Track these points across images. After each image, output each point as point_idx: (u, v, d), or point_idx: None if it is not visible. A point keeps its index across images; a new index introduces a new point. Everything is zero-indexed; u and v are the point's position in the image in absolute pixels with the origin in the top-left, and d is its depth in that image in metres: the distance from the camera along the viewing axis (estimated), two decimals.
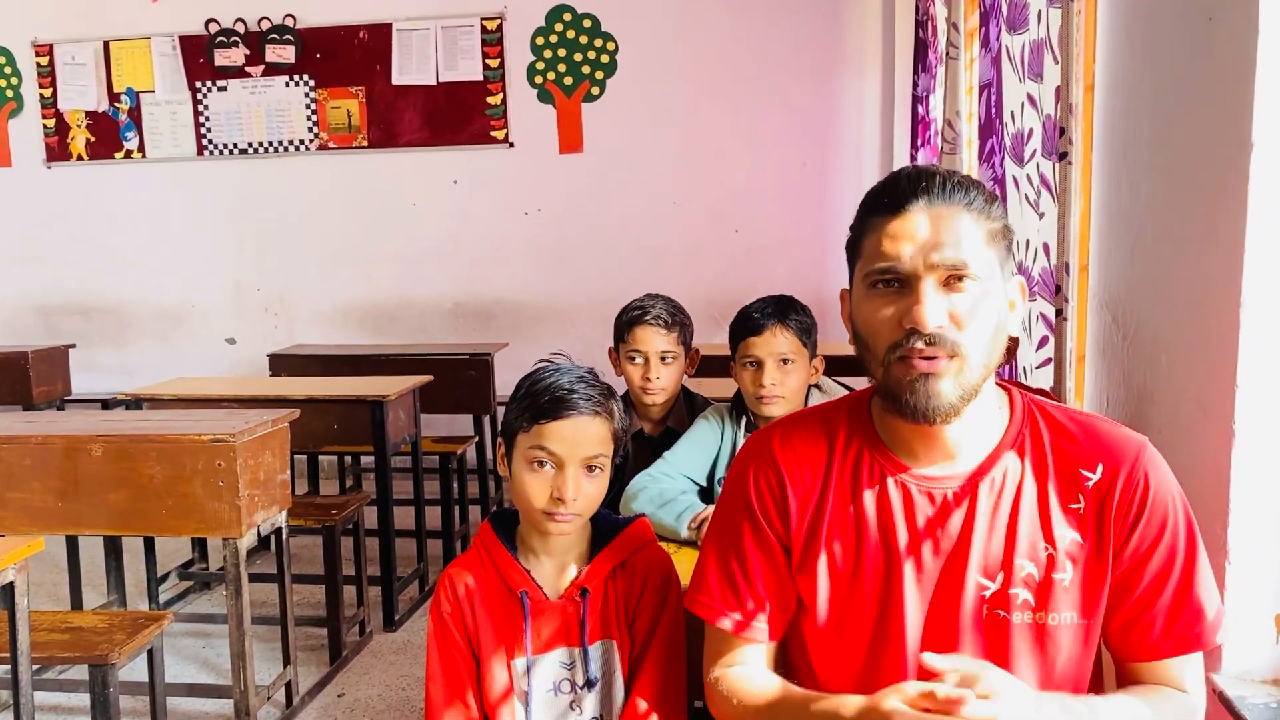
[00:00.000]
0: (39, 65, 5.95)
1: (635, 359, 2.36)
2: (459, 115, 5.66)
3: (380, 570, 3.71)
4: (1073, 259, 1.92)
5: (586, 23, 5.53)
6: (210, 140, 5.88)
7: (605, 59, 5.55)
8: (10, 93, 6.01)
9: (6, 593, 2.13)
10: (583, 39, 5.54)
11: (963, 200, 1.10)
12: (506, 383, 1.59)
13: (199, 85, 5.85)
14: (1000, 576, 1.13)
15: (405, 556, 4.03)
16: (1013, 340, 2.16)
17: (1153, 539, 1.12)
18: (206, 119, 5.87)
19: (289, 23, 5.70)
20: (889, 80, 5.11)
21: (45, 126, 6.00)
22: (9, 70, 5.99)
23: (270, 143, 5.84)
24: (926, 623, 1.14)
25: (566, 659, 1.42)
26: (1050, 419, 1.18)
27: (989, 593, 1.13)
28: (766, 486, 1.22)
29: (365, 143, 5.76)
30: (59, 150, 6.02)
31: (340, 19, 5.66)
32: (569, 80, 5.58)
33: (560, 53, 5.57)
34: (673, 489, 2.05)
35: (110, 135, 5.96)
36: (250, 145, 5.86)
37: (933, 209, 1.09)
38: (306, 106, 5.77)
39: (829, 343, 2.39)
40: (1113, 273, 1.80)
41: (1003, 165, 2.52)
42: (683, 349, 2.39)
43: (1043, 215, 2.17)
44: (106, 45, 5.88)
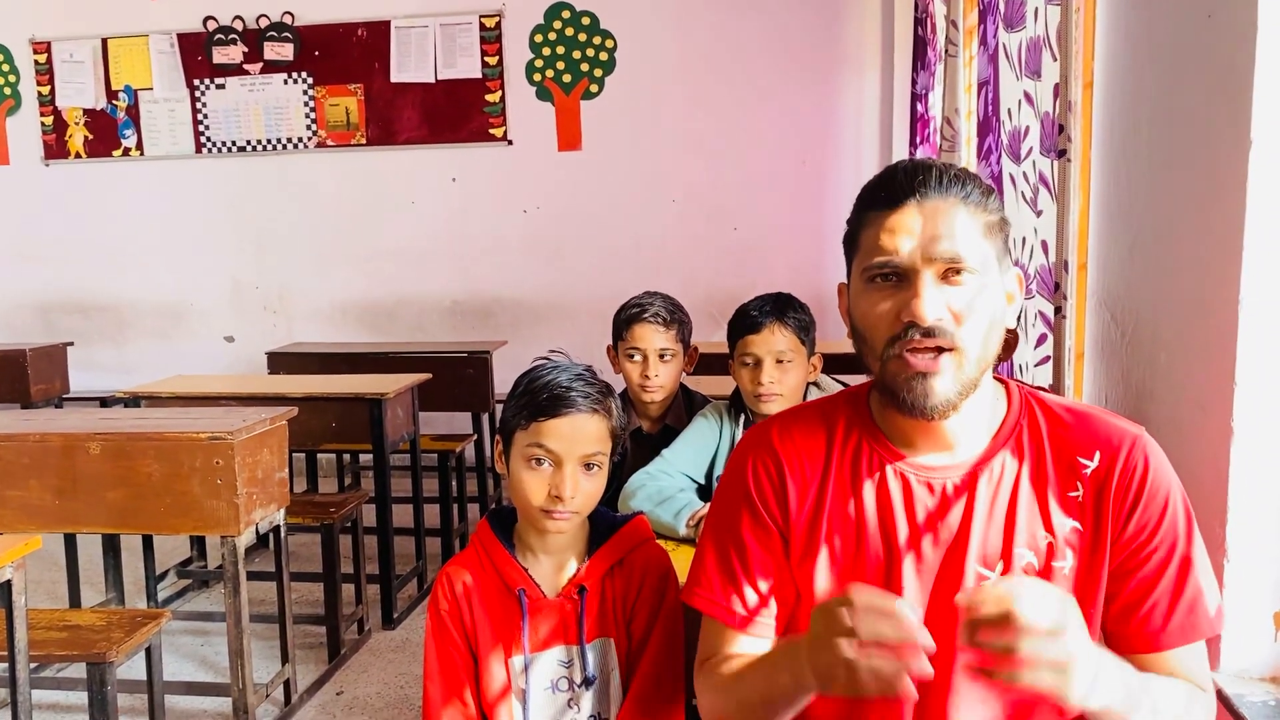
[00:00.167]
0: (37, 63, 5.94)
1: (634, 356, 2.36)
2: (457, 113, 5.66)
3: (379, 568, 3.71)
4: (1071, 257, 1.92)
5: (585, 20, 5.52)
6: (208, 138, 5.88)
7: (604, 57, 5.54)
8: (8, 90, 6.00)
9: (4, 591, 2.13)
10: (581, 36, 5.54)
11: (959, 193, 1.10)
12: (505, 380, 1.58)
13: (197, 83, 5.84)
14: (1000, 566, 1.13)
15: (404, 555, 4.03)
16: (1011, 334, 2.17)
17: (1152, 525, 1.12)
18: (205, 117, 5.86)
19: (287, 20, 5.69)
20: (888, 78, 5.10)
21: (43, 124, 6.00)
22: (6, 68, 5.98)
23: (269, 140, 5.84)
24: (926, 615, 1.14)
25: (564, 657, 1.42)
26: (1047, 410, 1.18)
27: (989, 583, 1.13)
28: (766, 476, 1.21)
29: (364, 140, 5.75)
30: (57, 148, 6.01)
31: (338, 16, 5.66)
32: (567, 78, 5.58)
33: (559, 50, 5.56)
34: (671, 487, 2.05)
35: (108, 133, 5.95)
36: (249, 143, 5.86)
37: (930, 202, 1.09)
38: (305, 104, 5.77)
39: (827, 341, 2.38)
40: (1112, 271, 1.80)
41: (999, 163, 2.52)
42: (681, 347, 2.39)
43: (1041, 213, 2.17)
44: (104, 43, 5.87)
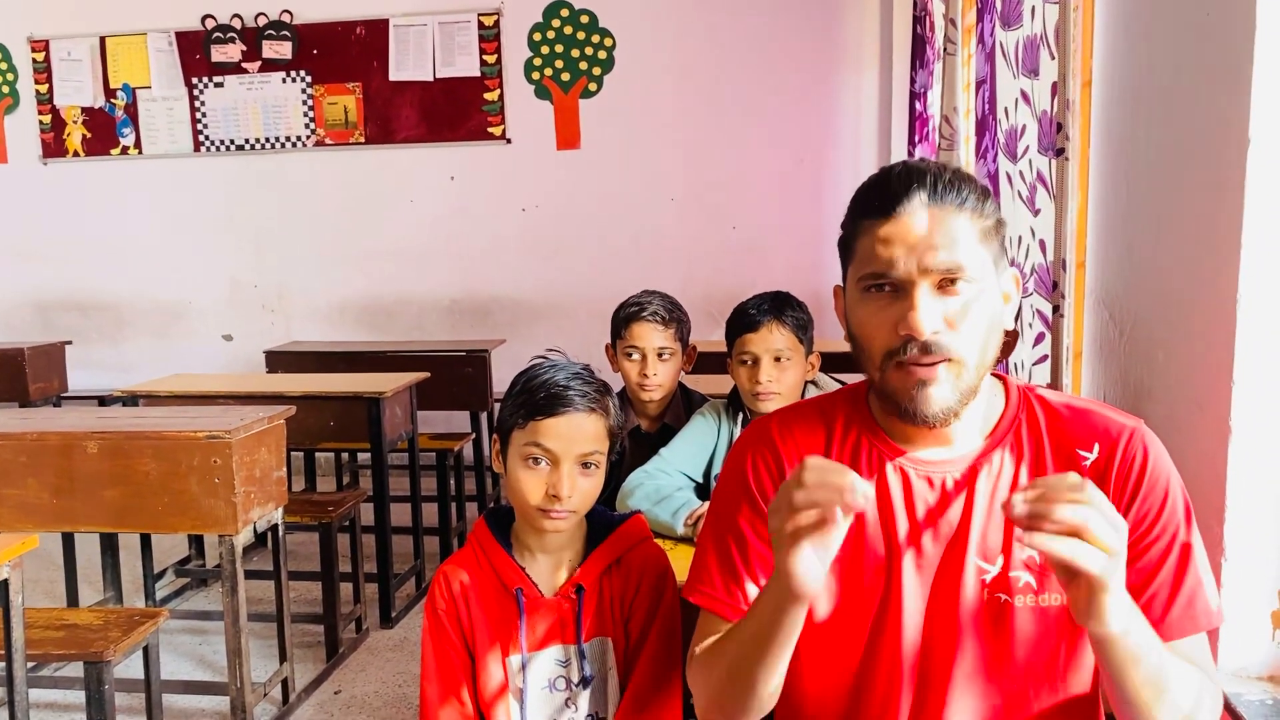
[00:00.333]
0: (35, 61, 5.94)
1: (632, 355, 2.36)
2: (456, 111, 5.65)
3: (377, 567, 3.71)
4: (1070, 255, 1.92)
5: (584, 19, 5.52)
6: (207, 136, 5.87)
7: (602, 55, 5.54)
8: (6, 89, 5.99)
9: (1, 590, 2.13)
10: (580, 35, 5.53)
11: (955, 200, 1.08)
12: (504, 379, 1.58)
13: (195, 81, 5.83)
14: (1000, 560, 1.13)
15: (402, 553, 4.03)
16: (1010, 333, 2.16)
17: (1153, 516, 1.11)
18: (203, 115, 5.86)
19: (285, 18, 5.69)
20: (886, 76, 5.10)
21: (41, 123, 5.99)
22: (4, 66, 5.97)
23: (267, 139, 5.83)
24: (927, 609, 1.14)
25: (562, 656, 1.42)
26: (1045, 404, 1.18)
27: (989, 577, 1.13)
28: (765, 470, 1.21)
29: (362, 139, 5.75)
30: (55, 146, 6.00)
31: (337, 14, 5.65)
32: (566, 76, 5.57)
33: (557, 49, 5.56)
34: (669, 485, 2.05)
35: (106, 131, 5.95)
36: (247, 141, 5.85)
37: (925, 212, 1.07)
38: (303, 102, 5.76)
39: (825, 339, 2.38)
40: (1110, 269, 1.80)
41: (995, 161, 2.52)
42: (680, 345, 2.39)
43: (1039, 212, 2.17)
44: (102, 41, 5.87)
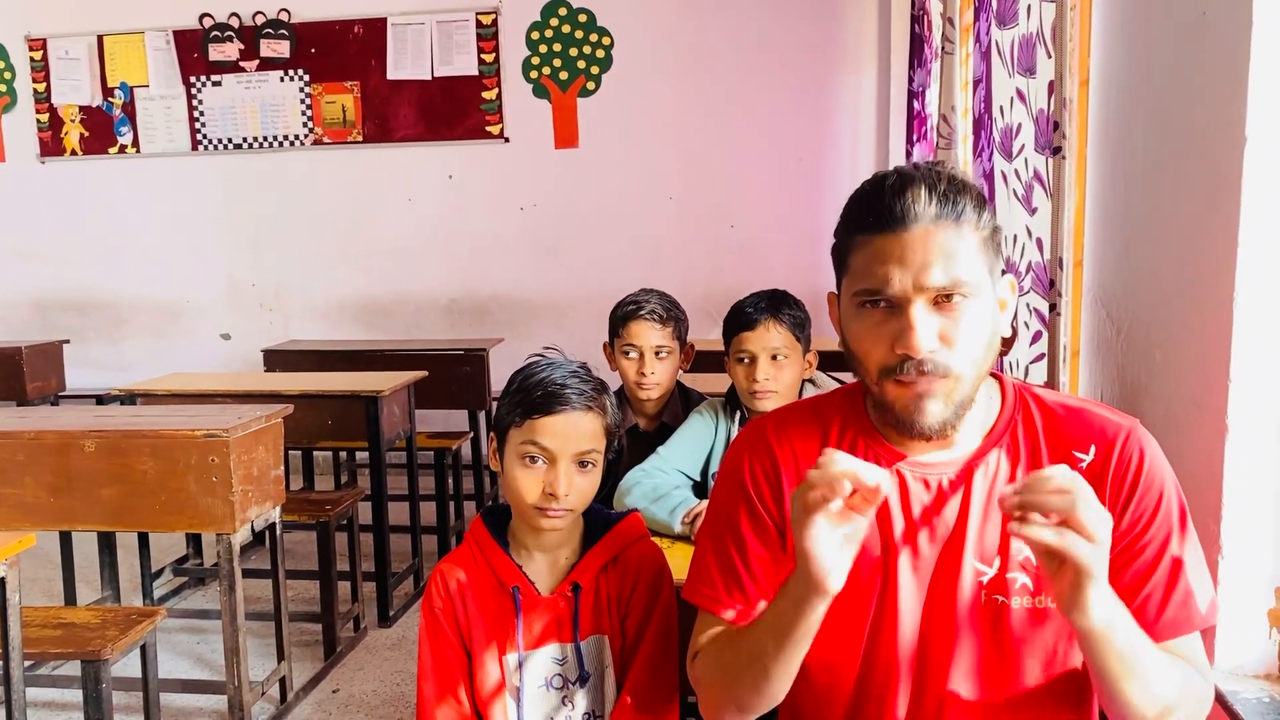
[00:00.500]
0: (32, 60, 5.93)
1: (630, 354, 2.36)
2: (454, 110, 5.65)
3: (375, 566, 3.70)
4: (1067, 254, 1.92)
5: (582, 17, 5.52)
6: (204, 135, 5.86)
7: (600, 54, 5.53)
8: (3, 88, 5.98)
9: None
10: (578, 34, 5.53)
11: (951, 214, 1.06)
12: (501, 378, 1.58)
13: (193, 80, 5.83)
14: (997, 562, 1.13)
15: (400, 552, 4.03)
16: (1010, 333, 2.16)
17: (1148, 517, 1.11)
18: (201, 114, 5.85)
19: (283, 17, 5.68)
20: (885, 75, 5.10)
21: (39, 121, 5.98)
22: (2, 65, 5.96)
23: (265, 137, 5.83)
24: (924, 610, 1.14)
25: (558, 654, 1.42)
26: (1042, 405, 1.18)
27: (986, 578, 1.13)
28: (761, 471, 1.22)
29: (360, 138, 5.75)
30: (53, 145, 6.00)
31: (334, 13, 5.65)
32: (564, 75, 5.57)
33: (555, 47, 5.56)
34: (666, 484, 2.05)
35: (104, 130, 5.94)
36: (245, 140, 5.85)
37: (921, 227, 1.06)
38: (301, 101, 5.76)
39: (823, 338, 2.38)
40: (1107, 268, 1.80)
41: (991, 160, 2.52)
42: (678, 344, 2.39)
43: (1036, 210, 2.17)
44: (100, 40, 5.86)
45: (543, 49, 5.56)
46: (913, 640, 1.14)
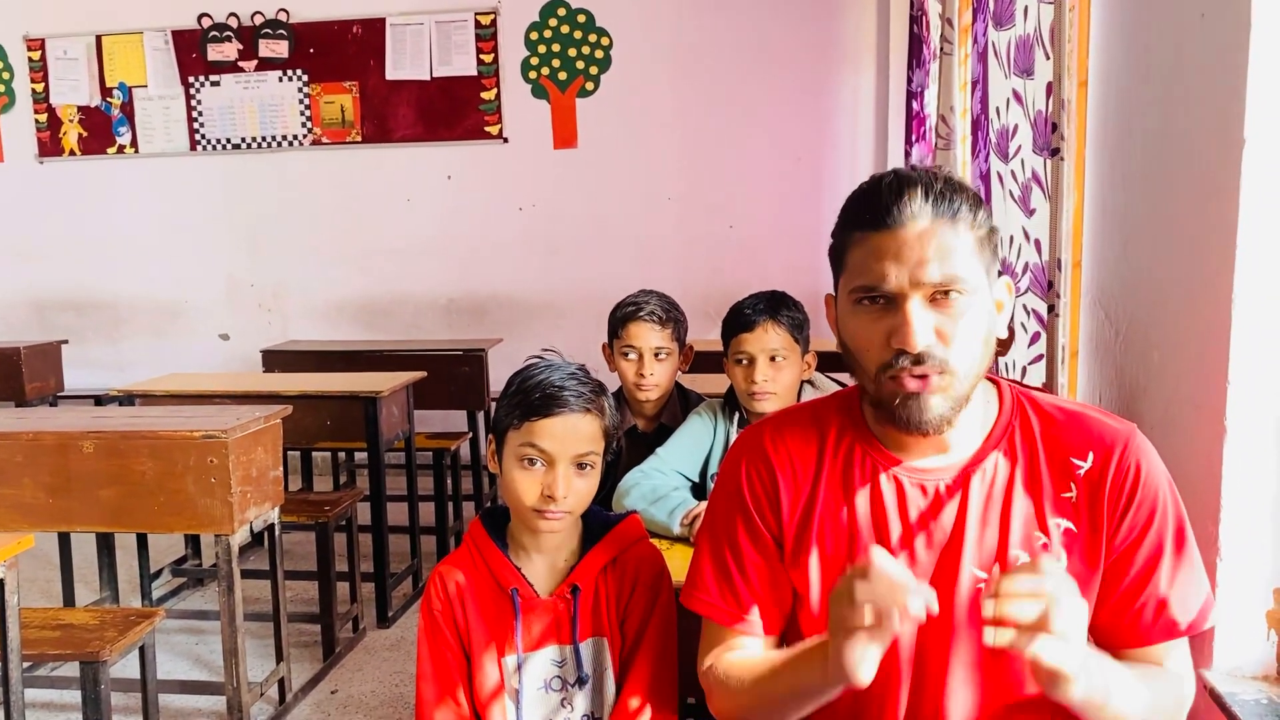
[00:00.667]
0: (31, 60, 5.92)
1: (629, 355, 2.36)
2: (453, 110, 5.65)
3: (373, 566, 3.70)
4: (1065, 255, 1.92)
5: (580, 18, 5.52)
6: (203, 135, 5.86)
7: (599, 54, 5.53)
8: (2, 88, 5.98)
9: None
10: (577, 34, 5.53)
11: (947, 212, 1.08)
12: (500, 378, 1.58)
13: (192, 80, 5.82)
14: (995, 568, 1.12)
15: (399, 553, 4.03)
16: (1008, 334, 2.16)
17: (1143, 525, 1.12)
18: (199, 114, 5.85)
19: (282, 17, 5.68)
20: (884, 75, 5.10)
21: (37, 121, 5.98)
22: (0, 65, 5.96)
23: (263, 138, 5.82)
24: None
25: (557, 656, 1.42)
26: (1039, 409, 1.18)
27: (984, 584, 1.13)
28: (759, 480, 1.22)
29: (359, 138, 5.74)
30: (51, 145, 5.99)
31: (333, 13, 5.64)
32: (563, 75, 5.57)
33: (554, 48, 5.55)
34: (665, 485, 2.05)
35: (103, 130, 5.94)
36: (243, 140, 5.84)
37: (917, 224, 1.07)
38: (300, 101, 5.75)
39: (822, 339, 2.38)
40: (1105, 269, 1.80)
41: (987, 161, 2.52)
42: (677, 345, 2.39)
43: (1034, 212, 2.17)
44: (99, 40, 5.85)
45: (541, 49, 5.56)
46: (910, 646, 1.14)
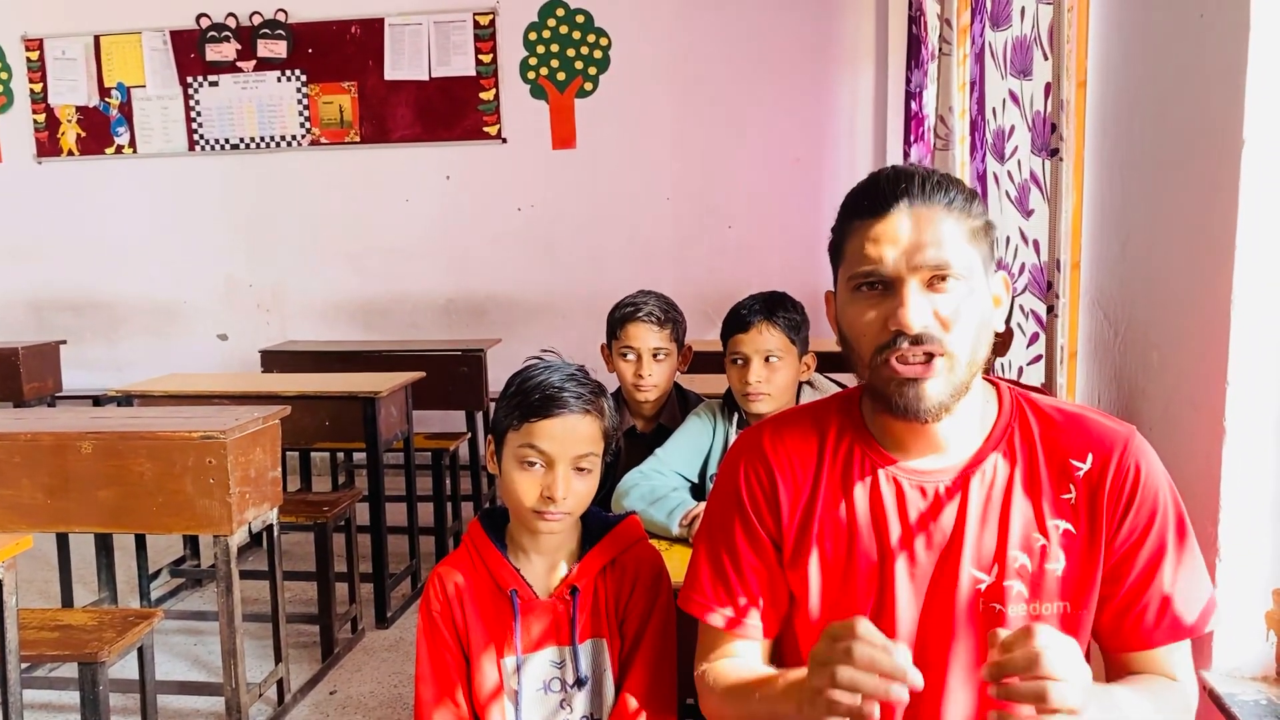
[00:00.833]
0: (29, 60, 5.92)
1: (628, 355, 2.36)
2: (451, 111, 5.65)
3: (372, 567, 3.70)
4: (1064, 256, 1.92)
5: (579, 18, 5.51)
6: (202, 135, 5.86)
7: (598, 54, 5.53)
8: (0, 88, 5.97)
9: None
10: (575, 34, 5.53)
11: (943, 200, 1.10)
12: (499, 379, 1.58)
13: (190, 80, 5.82)
14: (995, 569, 1.13)
15: (398, 553, 4.02)
16: (1007, 332, 2.16)
17: (1144, 527, 1.12)
18: (198, 114, 5.84)
19: (280, 17, 5.68)
20: (882, 75, 5.10)
21: (35, 122, 5.97)
22: None
23: (262, 138, 5.82)
24: (921, 617, 1.14)
25: (556, 657, 1.42)
26: (1039, 411, 1.18)
27: (984, 585, 1.13)
28: (757, 482, 1.22)
29: (357, 138, 5.74)
30: (49, 145, 5.99)
31: (332, 14, 5.64)
32: (562, 76, 5.57)
33: (553, 48, 5.55)
34: (664, 486, 2.05)
35: (101, 130, 5.93)
36: (242, 140, 5.84)
37: (913, 210, 1.09)
38: (298, 101, 5.75)
39: (821, 339, 2.38)
40: (1104, 270, 1.80)
41: (984, 162, 2.52)
42: (675, 346, 2.39)
43: (1032, 212, 2.17)
44: (97, 40, 5.85)
45: (540, 50, 5.56)
46: (910, 648, 1.14)
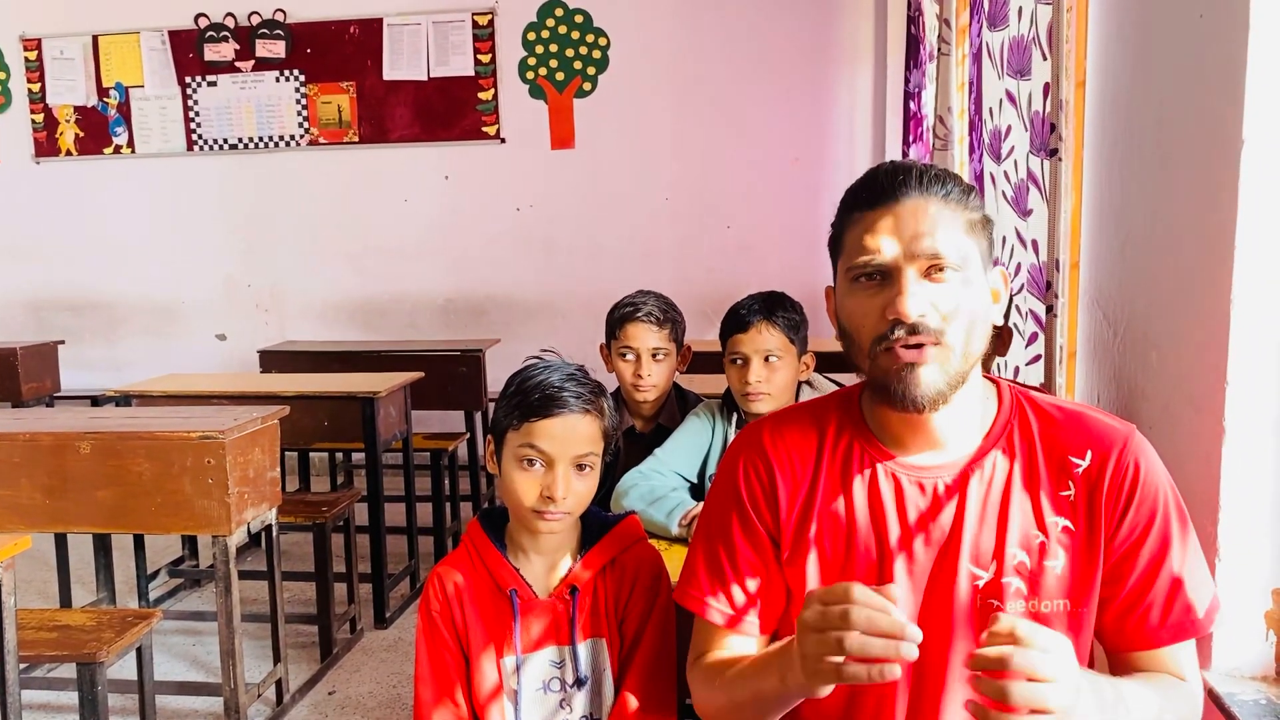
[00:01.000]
0: (27, 60, 5.92)
1: (627, 355, 2.36)
2: (450, 110, 5.65)
3: (371, 567, 3.70)
4: (1063, 255, 1.92)
5: (578, 18, 5.52)
6: (200, 135, 5.86)
7: (597, 54, 5.53)
8: None
9: None
10: (574, 34, 5.53)
11: (939, 192, 1.11)
12: (498, 379, 1.58)
13: (188, 80, 5.82)
14: (993, 566, 1.13)
15: (396, 553, 4.02)
16: (1007, 331, 2.16)
17: (1144, 525, 1.12)
18: (196, 114, 5.84)
19: (279, 17, 5.68)
20: (881, 75, 5.11)
21: (34, 122, 5.97)
22: None
23: (260, 138, 5.82)
24: (920, 615, 1.14)
25: (556, 657, 1.42)
26: (1038, 409, 1.19)
27: (982, 582, 1.13)
28: (756, 479, 1.22)
29: (356, 138, 5.74)
30: (48, 145, 5.99)
31: (330, 14, 5.64)
32: (560, 76, 5.57)
33: (552, 48, 5.55)
34: (663, 486, 2.05)
35: (99, 130, 5.93)
36: (240, 140, 5.84)
37: (911, 201, 1.10)
38: (297, 101, 5.75)
39: (821, 339, 2.38)
40: (1103, 269, 1.80)
41: (981, 162, 2.52)
42: (674, 346, 2.39)
43: (1031, 212, 2.17)
44: (95, 40, 5.85)
45: (539, 50, 5.56)
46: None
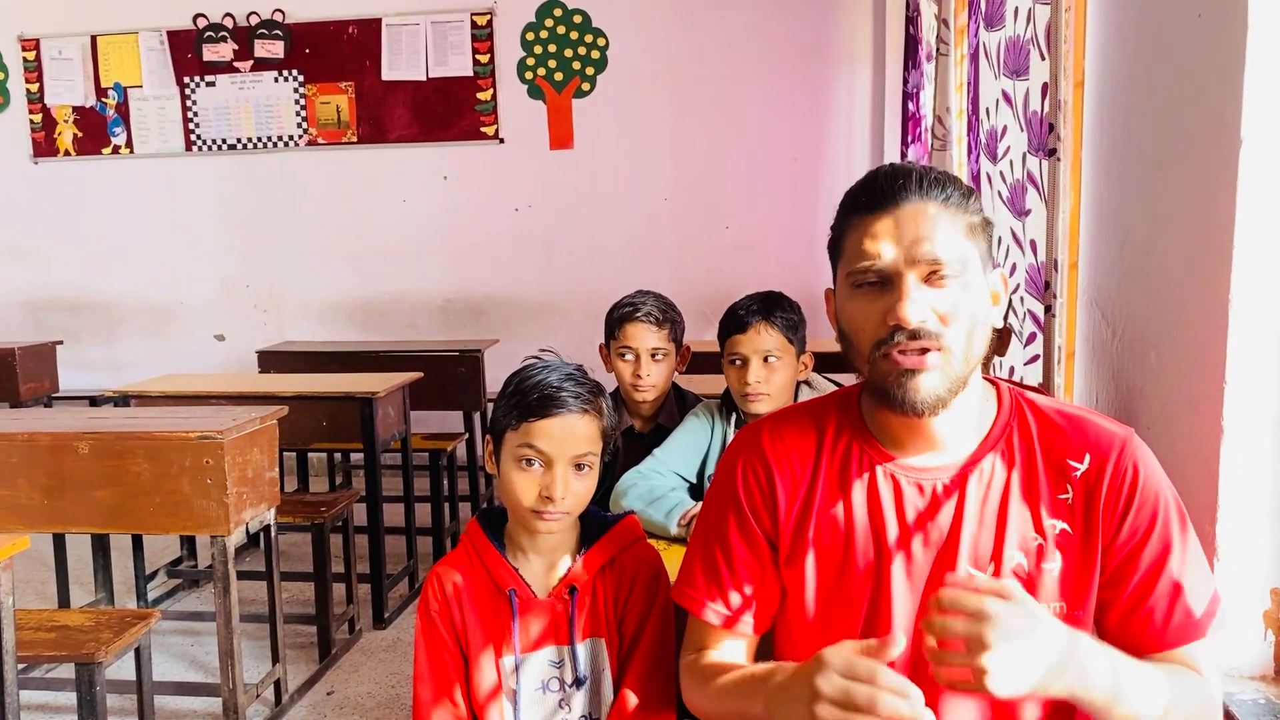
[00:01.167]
0: (25, 60, 5.91)
1: (626, 356, 2.36)
2: (449, 111, 5.65)
3: (370, 568, 3.70)
4: (1062, 256, 1.92)
5: (577, 18, 5.52)
6: (199, 136, 5.85)
7: (596, 55, 5.53)
8: None
9: None
10: (573, 35, 5.53)
11: (939, 196, 1.11)
12: (497, 379, 1.58)
13: (187, 80, 5.82)
14: (991, 568, 1.13)
15: (395, 554, 4.02)
16: (1006, 331, 2.17)
17: (1145, 529, 1.12)
18: (195, 114, 5.84)
19: (278, 18, 5.67)
20: (879, 76, 5.11)
21: (32, 122, 5.97)
22: None
23: (259, 138, 5.82)
24: (917, 617, 1.14)
25: (555, 657, 1.42)
26: (1037, 411, 1.19)
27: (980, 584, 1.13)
28: (754, 480, 1.22)
29: (355, 138, 5.74)
30: (46, 146, 5.98)
31: (329, 14, 5.64)
32: (559, 76, 5.57)
33: (550, 48, 5.55)
34: (662, 486, 2.05)
35: (98, 130, 5.93)
36: (239, 141, 5.84)
37: (911, 206, 1.10)
38: (295, 102, 5.75)
39: (820, 339, 2.38)
40: (1102, 270, 1.80)
41: (978, 161, 2.52)
42: (673, 346, 2.39)
43: (1030, 212, 2.17)
44: (94, 40, 5.84)
45: (538, 50, 5.56)
46: (906, 647, 1.14)
